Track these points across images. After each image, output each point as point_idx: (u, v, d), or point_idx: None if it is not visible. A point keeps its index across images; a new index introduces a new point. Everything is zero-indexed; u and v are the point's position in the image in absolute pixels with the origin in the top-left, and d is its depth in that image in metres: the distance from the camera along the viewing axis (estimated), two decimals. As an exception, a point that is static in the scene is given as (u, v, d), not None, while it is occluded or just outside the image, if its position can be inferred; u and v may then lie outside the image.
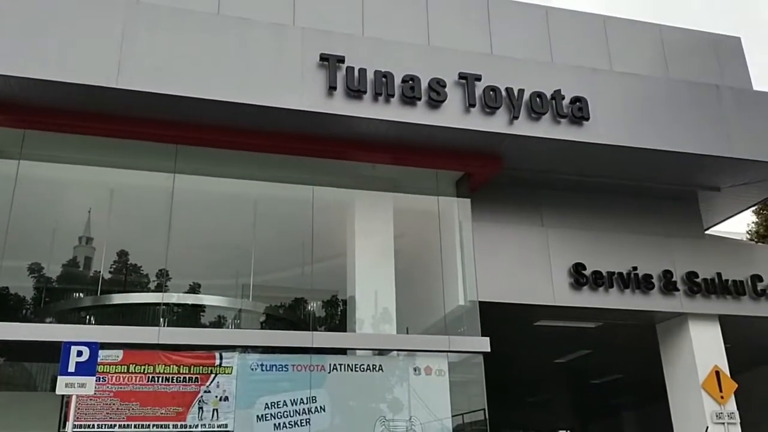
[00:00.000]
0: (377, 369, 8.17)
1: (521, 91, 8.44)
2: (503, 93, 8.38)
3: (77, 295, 10.90)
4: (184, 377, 7.42)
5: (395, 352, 8.54)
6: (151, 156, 8.39)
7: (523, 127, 8.39)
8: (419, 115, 8.11)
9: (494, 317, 8.45)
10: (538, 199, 9.85)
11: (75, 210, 9.85)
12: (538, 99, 8.48)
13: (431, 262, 9.24)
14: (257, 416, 7.52)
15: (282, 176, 9.19)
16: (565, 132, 8.54)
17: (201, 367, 7.52)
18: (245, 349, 7.98)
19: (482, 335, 8.37)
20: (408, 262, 9.16)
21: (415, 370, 8.27)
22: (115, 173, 8.88)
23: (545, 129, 8.46)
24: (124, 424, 7.14)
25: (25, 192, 8.12)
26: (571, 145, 8.63)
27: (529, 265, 9.28)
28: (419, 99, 8.09)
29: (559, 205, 9.88)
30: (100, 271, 10.53)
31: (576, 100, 8.65)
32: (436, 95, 8.14)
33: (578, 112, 8.58)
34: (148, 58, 7.42)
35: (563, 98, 8.60)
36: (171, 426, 7.26)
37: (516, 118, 8.34)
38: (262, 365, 7.80)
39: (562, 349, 13.35)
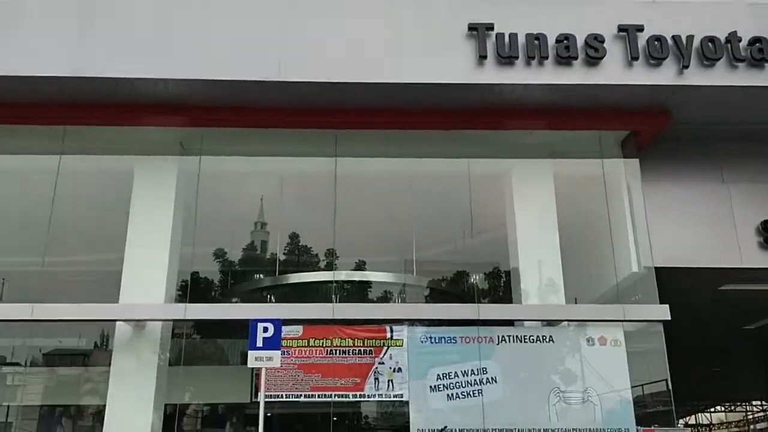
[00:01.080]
0: (547, 340, 8.02)
1: (690, 38, 7.76)
2: (669, 42, 7.75)
3: (258, 276, 11.82)
4: (359, 350, 7.80)
5: (565, 322, 8.32)
6: (314, 143, 8.79)
7: (695, 77, 7.72)
8: (576, 76, 7.74)
9: (672, 283, 7.93)
10: (717, 154, 9.03)
11: (249, 198, 10.60)
12: (710, 44, 7.75)
13: (598, 229, 8.85)
14: (430, 387, 7.71)
15: (437, 151, 9.22)
16: (743, 77, 7.74)
17: (374, 340, 7.85)
18: (412, 322, 8.19)
19: (660, 303, 7.89)
20: (572, 230, 8.85)
21: (588, 340, 8.01)
22: (283, 162, 9.42)
23: (720, 76, 7.72)
24: (308, 395, 7.66)
25: (207, 185, 8.90)
26: (751, 91, 7.80)
27: (710, 225, 8.57)
28: (575, 58, 7.72)
29: (741, 158, 8.99)
30: (276, 254, 11.34)
31: (755, 40, 7.79)
32: (594, 52, 7.72)
33: (758, 54, 7.73)
34: (307, 49, 7.75)
35: (740, 40, 7.78)
36: (351, 396, 7.70)
37: (686, 67, 7.69)
38: (430, 338, 7.97)
39: (752, 315, 12.23)
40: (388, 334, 7.91)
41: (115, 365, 8.02)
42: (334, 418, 8.28)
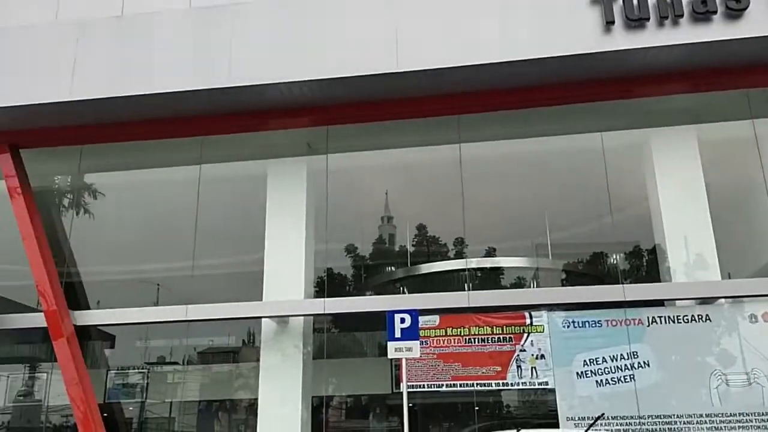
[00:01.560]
0: (703, 319, 7.45)
1: None
2: (827, -18, 6.91)
3: (389, 269, 11.92)
4: (499, 337, 7.64)
5: (722, 300, 7.68)
6: (437, 131, 8.71)
7: None
8: (716, 31, 7.10)
9: None
10: None
11: (376, 193, 10.71)
12: None
13: (753, 196, 8.09)
14: (577, 373, 7.41)
15: (565, 128, 8.85)
16: None
17: (513, 327, 7.66)
18: (551, 307, 7.90)
19: (833, 273, 7.08)
20: (723, 200, 8.16)
21: (750, 317, 7.34)
22: (407, 153, 9.43)
23: None
24: (450, 384, 7.61)
25: (335, 182, 9.09)
26: None
27: None
28: (714, 12, 7.08)
29: None
30: (405, 246, 11.38)
31: None
32: (736, 3, 7.04)
33: None
34: (421, 39, 7.67)
35: None
36: (493, 384, 7.56)
37: None
38: (573, 322, 7.65)
39: None
40: (528, 320, 7.69)
41: (263, 361, 8.41)
42: (476, 408, 8.18)
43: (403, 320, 6.58)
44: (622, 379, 7.26)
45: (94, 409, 8.14)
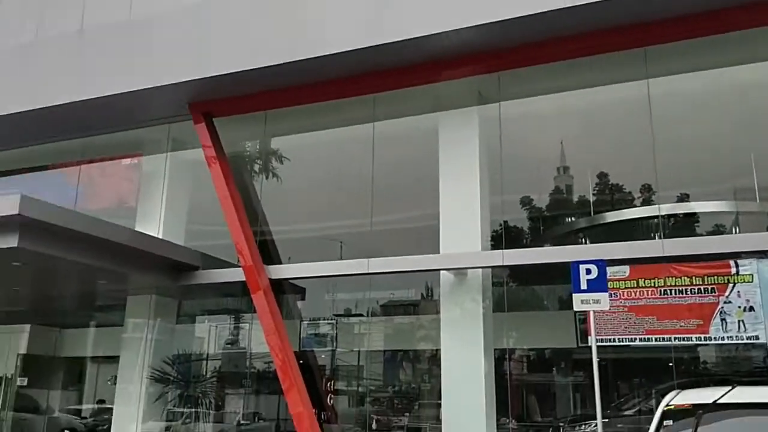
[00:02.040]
0: None
1: None
2: None
3: (568, 219, 11.41)
4: (699, 288, 6.99)
5: None
6: (621, 66, 8.03)
7: None
8: None
9: None
10: None
11: (551, 141, 10.22)
12: None
13: None
14: (799, 328, 6.59)
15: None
16: None
17: (716, 277, 6.96)
18: (761, 255, 7.04)
19: None
20: None
21: None
22: (586, 94, 8.83)
23: None
24: (643, 338, 7.14)
25: (508, 132, 8.79)
26: None
27: None
28: None
29: None
30: (584, 195, 10.79)
31: None
32: None
33: None
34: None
35: None
36: (694, 339, 6.96)
37: None
38: (788, 271, 6.77)
39: None
40: (733, 270, 6.93)
41: (443, 313, 8.47)
42: (672, 364, 7.61)
43: (589, 271, 6.24)
44: None
45: (290, 357, 8.76)
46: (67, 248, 7.98)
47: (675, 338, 7.00)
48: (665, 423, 4.90)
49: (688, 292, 7.02)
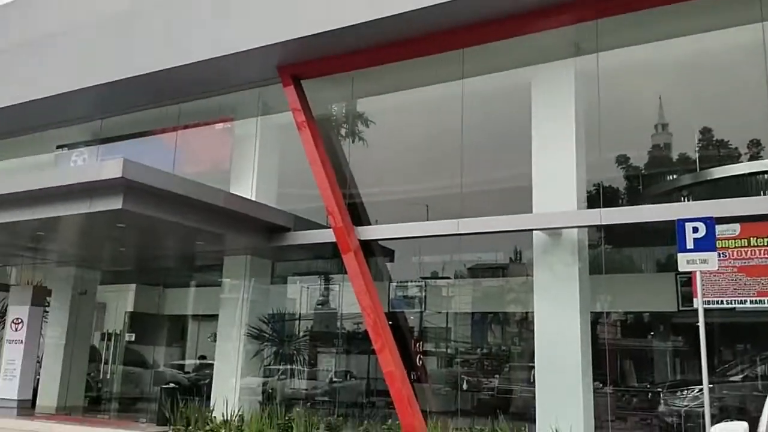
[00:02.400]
0: None
1: None
2: None
3: (669, 177, 10.82)
4: (820, 249, 6.46)
5: None
6: (730, 9, 7.40)
7: None
8: None
9: None
10: None
11: (647, 97, 9.67)
12: None
13: None
14: None
15: None
16: None
17: (842, 236, 6.39)
18: None
19: None
20: None
21: None
22: (689, 42, 8.23)
23: None
24: (755, 300, 6.69)
25: (606, 84, 8.34)
26: None
27: None
28: None
29: None
30: (685, 153, 10.20)
31: None
32: None
33: None
34: None
35: None
36: (813, 302, 6.46)
37: None
38: None
39: None
40: None
41: (537, 275, 8.25)
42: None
43: (696, 229, 5.87)
44: None
45: (382, 317, 8.83)
46: (167, 210, 8.30)
47: (793, 301, 6.52)
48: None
49: (808, 253, 6.50)
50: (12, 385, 11.54)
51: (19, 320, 11.81)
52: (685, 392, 9.24)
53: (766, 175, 8.24)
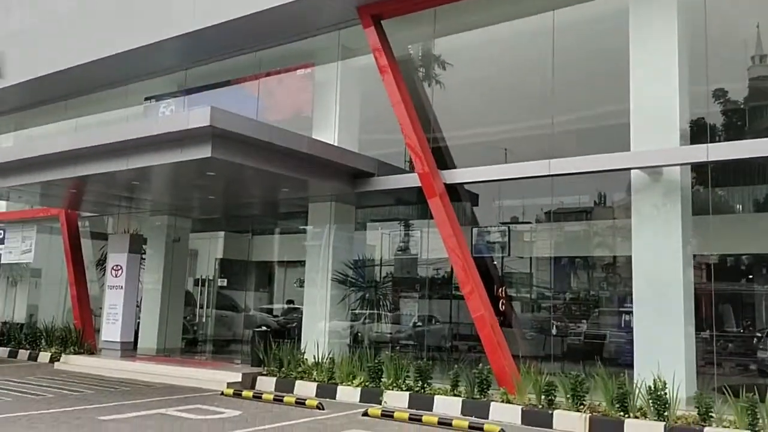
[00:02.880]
0: None
1: None
2: None
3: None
4: None
5: None
6: None
7: None
8: None
9: None
10: None
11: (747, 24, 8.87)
12: None
13: None
14: None
15: None
16: None
17: None
18: None
19: None
20: None
21: None
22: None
23: None
24: None
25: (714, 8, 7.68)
26: None
27: None
28: None
29: None
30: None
31: None
32: None
33: None
34: None
35: None
36: None
37: None
38: None
39: None
40: None
41: (635, 217, 7.86)
42: None
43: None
44: None
45: (470, 261, 8.69)
46: (253, 157, 8.35)
47: None
48: None
49: None
50: (115, 329, 12.21)
51: (119, 267, 12.40)
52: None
53: None
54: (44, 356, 12.57)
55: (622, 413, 6.83)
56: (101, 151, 8.78)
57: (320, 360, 9.48)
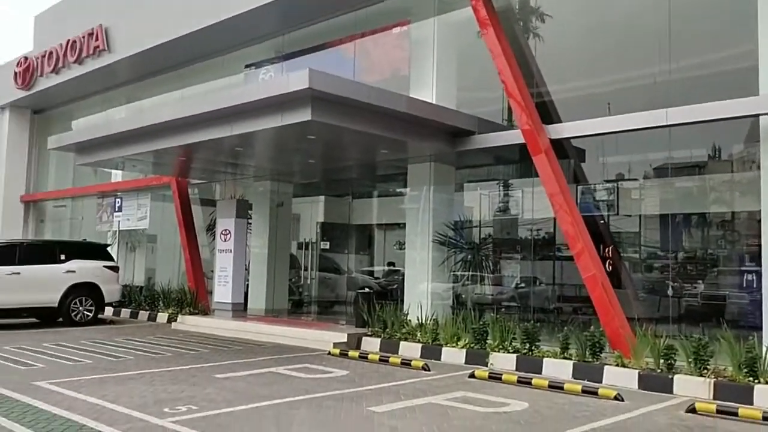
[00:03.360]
0: None
1: None
2: None
3: None
4: None
5: None
6: None
7: None
8: None
9: None
10: None
11: None
12: None
13: None
14: None
15: None
16: None
17: None
18: None
19: None
20: None
21: None
22: None
23: None
24: None
25: None
26: None
27: None
28: None
29: None
30: None
31: None
32: None
33: None
34: None
35: None
36: None
37: None
38: None
39: None
40: None
41: (765, 167, 7.18)
42: None
43: None
44: None
45: (579, 219, 8.30)
46: (352, 119, 8.30)
47: None
48: None
49: None
50: (226, 290, 12.74)
51: (227, 231, 12.86)
52: None
53: None
54: (162, 317, 13.32)
55: (750, 378, 6.35)
56: (206, 118, 9.00)
57: (424, 321, 9.45)
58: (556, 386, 6.80)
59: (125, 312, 14.41)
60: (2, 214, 19.56)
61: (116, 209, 16.55)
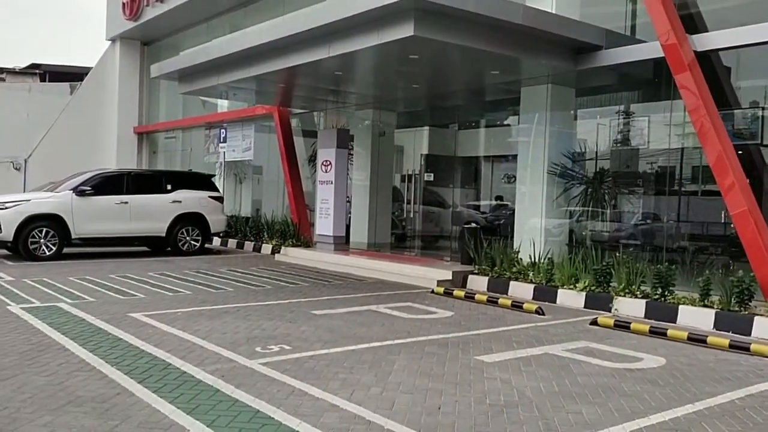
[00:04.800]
0: None
1: None
2: None
3: None
4: None
5: None
6: None
7: None
8: None
9: None
10: None
11: None
12: None
13: None
14: None
15: None
16: None
17: None
18: None
19: None
20: None
21: None
22: None
23: None
24: None
25: None
26: None
27: None
28: None
29: None
30: None
31: None
32: None
33: None
34: None
35: None
36: None
37: None
38: None
39: None
40: None
41: None
42: None
43: None
44: None
45: (729, 149, 7.07)
46: (460, 33, 7.37)
47: None
48: None
49: None
50: (327, 223, 12.40)
51: (328, 162, 12.41)
52: None
53: None
54: (266, 248, 13.27)
55: None
56: (303, 38, 8.40)
57: (537, 260, 8.62)
58: (696, 339, 5.84)
59: (232, 242, 14.53)
60: (117, 145, 20.25)
61: (221, 140, 16.56)
